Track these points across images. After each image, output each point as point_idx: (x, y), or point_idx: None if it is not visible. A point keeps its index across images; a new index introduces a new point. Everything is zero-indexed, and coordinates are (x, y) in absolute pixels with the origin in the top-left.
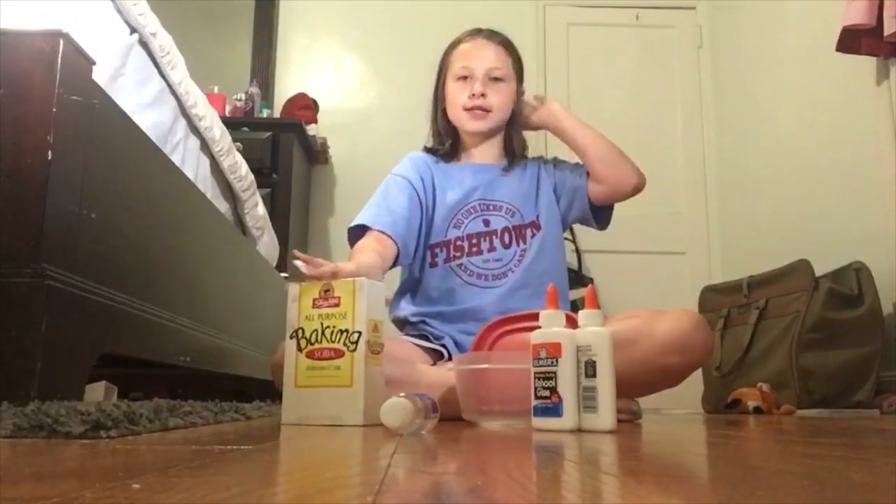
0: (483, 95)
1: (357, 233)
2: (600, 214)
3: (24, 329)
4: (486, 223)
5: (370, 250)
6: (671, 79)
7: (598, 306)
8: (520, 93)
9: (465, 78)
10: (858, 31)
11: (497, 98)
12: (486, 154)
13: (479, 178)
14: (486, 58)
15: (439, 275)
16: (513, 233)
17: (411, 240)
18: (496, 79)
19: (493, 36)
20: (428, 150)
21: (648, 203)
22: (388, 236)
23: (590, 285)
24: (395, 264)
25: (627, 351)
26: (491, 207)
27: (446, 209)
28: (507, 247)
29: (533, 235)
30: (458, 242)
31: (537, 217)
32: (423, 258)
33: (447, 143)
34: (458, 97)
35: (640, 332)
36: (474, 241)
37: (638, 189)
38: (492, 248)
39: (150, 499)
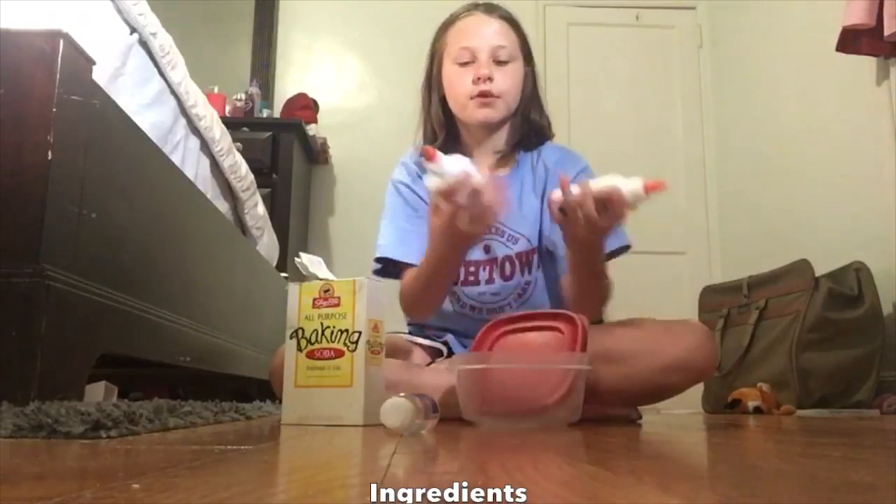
0: (490, 79)
1: (386, 264)
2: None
3: (24, 329)
4: (487, 249)
5: None
6: (671, 79)
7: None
8: (530, 73)
9: (465, 63)
10: (858, 31)
11: (505, 83)
12: (488, 154)
13: None
14: (488, 35)
15: None
16: (515, 262)
17: None
18: (502, 61)
19: (494, 10)
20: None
21: (648, 203)
22: None
23: None
24: None
25: (627, 366)
26: (493, 230)
27: None
28: (507, 279)
29: (539, 265)
30: None
31: (542, 241)
32: None
33: (441, 138)
34: (460, 84)
35: (642, 347)
36: (472, 269)
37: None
38: (490, 280)
39: (150, 499)
